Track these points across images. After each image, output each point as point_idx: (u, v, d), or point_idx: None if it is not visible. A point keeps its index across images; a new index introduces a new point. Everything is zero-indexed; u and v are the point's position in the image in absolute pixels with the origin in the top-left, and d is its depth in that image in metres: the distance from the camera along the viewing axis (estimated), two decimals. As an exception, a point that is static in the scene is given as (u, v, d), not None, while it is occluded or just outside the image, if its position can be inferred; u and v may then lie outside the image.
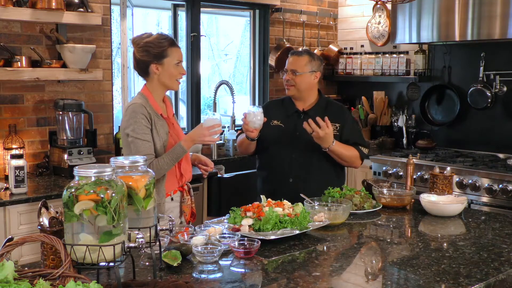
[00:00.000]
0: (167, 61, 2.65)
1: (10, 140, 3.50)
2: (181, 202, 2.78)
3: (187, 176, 2.79)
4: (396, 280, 1.93)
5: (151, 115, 2.61)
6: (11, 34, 3.57)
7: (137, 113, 2.58)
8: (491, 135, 4.56)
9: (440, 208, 2.69)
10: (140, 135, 2.57)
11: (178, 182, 2.74)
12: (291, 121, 3.10)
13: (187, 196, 2.80)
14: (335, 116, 3.10)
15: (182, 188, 2.78)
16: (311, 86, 3.11)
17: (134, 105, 2.62)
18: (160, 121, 2.66)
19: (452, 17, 4.23)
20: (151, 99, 2.67)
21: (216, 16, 5.86)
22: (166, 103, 2.80)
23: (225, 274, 1.94)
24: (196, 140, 2.63)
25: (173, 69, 2.66)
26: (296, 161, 3.05)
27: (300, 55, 3.10)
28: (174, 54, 2.67)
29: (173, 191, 2.73)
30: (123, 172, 1.75)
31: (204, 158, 2.90)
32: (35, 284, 1.49)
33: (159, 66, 2.65)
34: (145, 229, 1.76)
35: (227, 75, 6.23)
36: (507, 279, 1.93)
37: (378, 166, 4.51)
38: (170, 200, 2.72)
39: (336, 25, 5.58)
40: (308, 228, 2.32)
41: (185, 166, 2.76)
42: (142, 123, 2.57)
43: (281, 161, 3.07)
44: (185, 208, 2.79)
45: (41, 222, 1.82)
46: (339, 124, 3.09)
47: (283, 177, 3.06)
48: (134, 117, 2.58)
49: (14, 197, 3.09)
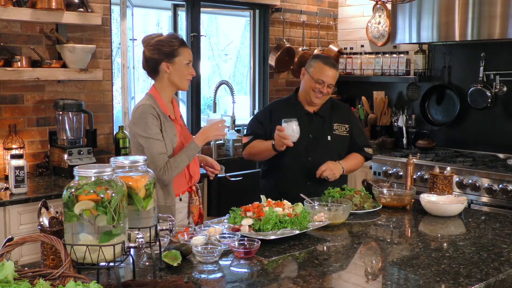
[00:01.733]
0: (178, 60, 2.64)
1: (10, 140, 3.50)
2: (189, 202, 2.78)
3: (196, 177, 2.80)
4: (396, 280, 1.93)
5: (160, 116, 2.61)
6: (11, 34, 3.57)
7: (146, 113, 2.57)
8: (491, 135, 4.56)
9: (440, 208, 2.69)
10: (152, 135, 2.55)
11: (187, 183, 2.74)
12: (303, 124, 2.97)
13: (195, 197, 2.80)
14: (343, 117, 3.11)
15: (191, 188, 2.78)
16: None
17: (143, 106, 2.61)
18: (168, 123, 2.65)
19: (452, 17, 4.23)
20: (159, 100, 2.66)
21: (216, 16, 5.86)
22: (173, 104, 2.78)
23: (225, 274, 1.94)
24: (209, 135, 2.65)
25: (184, 69, 2.66)
26: (312, 165, 2.99)
27: (336, 68, 3.05)
28: (185, 53, 2.66)
29: (181, 191, 2.73)
30: (123, 172, 1.75)
31: (211, 160, 2.90)
32: (35, 284, 1.49)
33: (170, 65, 2.64)
34: (145, 229, 1.77)
35: (227, 75, 6.23)
36: (507, 279, 1.93)
37: (378, 166, 4.51)
38: (178, 200, 2.72)
39: (336, 25, 5.58)
40: (308, 228, 2.32)
41: (194, 167, 2.76)
42: (153, 123, 2.56)
43: (297, 165, 3.03)
44: (193, 208, 2.79)
45: (41, 222, 1.82)
46: (348, 125, 3.11)
47: (299, 180, 3.01)
48: (144, 118, 2.57)
49: (14, 197, 3.09)
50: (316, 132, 3.06)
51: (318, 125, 3.09)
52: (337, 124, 3.11)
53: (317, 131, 3.07)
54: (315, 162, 2.99)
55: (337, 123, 3.11)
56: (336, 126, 3.11)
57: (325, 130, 3.08)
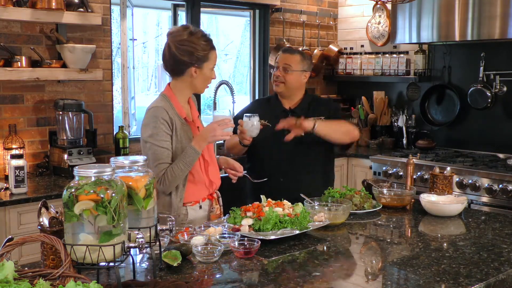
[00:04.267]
0: (207, 65, 2.49)
1: (10, 140, 3.50)
2: (209, 211, 2.64)
3: (217, 182, 2.63)
4: (396, 280, 1.93)
5: (172, 120, 2.45)
6: (11, 34, 3.57)
7: (157, 118, 2.42)
8: (491, 135, 4.56)
9: (440, 208, 2.69)
10: (159, 142, 2.41)
11: (208, 189, 2.59)
12: (279, 120, 3.02)
13: (216, 205, 2.66)
14: (321, 110, 3.09)
15: (212, 196, 2.64)
16: (301, 85, 3.11)
17: (155, 108, 2.45)
18: (183, 126, 2.50)
19: (452, 17, 4.23)
20: (174, 101, 2.50)
21: (216, 16, 5.87)
22: (190, 104, 2.63)
23: (225, 274, 1.94)
24: (208, 138, 2.43)
25: (209, 74, 2.52)
26: (286, 161, 3.04)
27: (292, 53, 3.10)
28: (213, 58, 2.52)
29: (202, 198, 2.59)
30: (123, 172, 1.75)
31: (233, 162, 2.73)
32: (35, 284, 1.49)
33: (198, 70, 2.48)
34: (145, 229, 1.76)
35: (227, 75, 6.24)
36: (507, 279, 1.93)
37: (378, 166, 4.51)
38: (198, 208, 2.57)
39: (336, 25, 5.58)
40: (308, 228, 2.31)
41: (213, 171, 2.61)
42: (162, 129, 2.41)
43: (272, 161, 3.06)
44: (213, 218, 2.62)
45: (41, 222, 1.82)
46: (324, 116, 3.06)
47: (274, 177, 3.03)
48: (154, 122, 2.42)
49: (14, 197, 3.09)
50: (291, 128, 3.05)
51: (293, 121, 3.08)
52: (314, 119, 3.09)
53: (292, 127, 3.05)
54: (289, 158, 3.03)
55: (314, 118, 3.08)
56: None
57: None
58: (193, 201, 2.56)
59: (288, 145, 3.02)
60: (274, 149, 3.05)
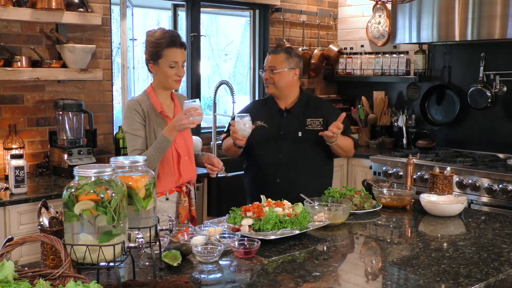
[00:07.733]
0: (162, 62, 2.64)
1: (10, 140, 3.50)
2: (177, 203, 2.74)
3: (187, 177, 2.75)
4: (396, 280, 1.93)
5: (146, 112, 2.64)
6: (11, 34, 3.57)
7: (130, 109, 2.64)
8: (491, 135, 4.56)
9: (440, 208, 2.69)
10: (133, 131, 2.62)
11: (175, 182, 2.71)
12: (274, 121, 3.07)
13: (184, 198, 2.74)
14: (318, 111, 3.09)
15: (180, 188, 2.74)
16: (291, 84, 3.08)
17: (130, 101, 2.70)
18: (158, 119, 2.66)
19: (452, 17, 4.23)
20: (152, 97, 2.69)
21: (216, 16, 5.86)
22: (175, 101, 2.78)
23: (225, 274, 1.94)
24: (176, 127, 2.54)
25: (168, 71, 2.64)
26: (282, 161, 3.03)
27: (277, 53, 3.09)
28: (170, 55, 2.62)
29: (169, 190, 2.70)
30: (123, 172, 1.75)
31: (213, 158, 2.84)
32: (35, 284, 1.49)
33: (155, 67, 2.67)
34: (145, 229, 1.77)
35: (227, 75, 6.24)
36: (507, 279, 1.93)
37: (378, 166, 4.51)
38: (165, 199, 2.68)
39: (336, 25, 5.58)
40: (308, 228, 2.32)
41: (186, 166, 2.72)
42: (134, 119, 2.62)
43: (268, 162, 3.05)
44: (181, 209, 2.73)
45: (41, 222, 1.82)
46: (322, 118, 3.07)
47: (271, 178, 3.04)
48: (129, 113, 2.64)
49: (14, 197, 3.09)
50: (287, 129, 3.05)
51: (289, 121, 3.07)
52: (311, 119, 3.07)
53: (288, 128, 3.05)
54: (285, 159, 3.02)
55: (311, 118, 3.07)
56: (310, 121, 3.07)
57: (296, 126, 3.06)
58: (159, 193, 2.65)
59: (284, 146, 3.02)
60: (270, 150, 3.05)
